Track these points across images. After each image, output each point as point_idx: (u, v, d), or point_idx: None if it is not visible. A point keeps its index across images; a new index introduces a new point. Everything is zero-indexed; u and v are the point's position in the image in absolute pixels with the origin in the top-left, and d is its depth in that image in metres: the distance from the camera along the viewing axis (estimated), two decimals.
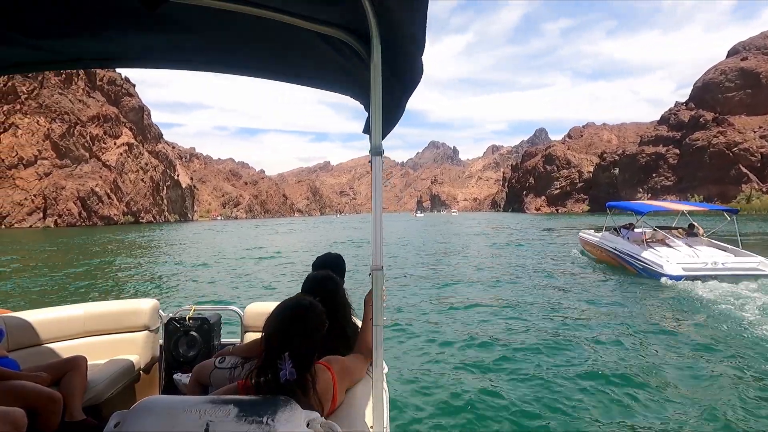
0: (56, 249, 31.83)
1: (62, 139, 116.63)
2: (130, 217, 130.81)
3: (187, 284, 14.80)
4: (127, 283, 15.29)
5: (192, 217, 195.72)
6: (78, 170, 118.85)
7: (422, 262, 19.63)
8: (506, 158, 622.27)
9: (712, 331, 7.75)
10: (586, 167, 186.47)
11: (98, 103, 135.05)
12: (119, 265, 21.08)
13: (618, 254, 14.50)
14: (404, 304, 10.50)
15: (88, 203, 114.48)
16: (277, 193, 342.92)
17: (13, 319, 2.93)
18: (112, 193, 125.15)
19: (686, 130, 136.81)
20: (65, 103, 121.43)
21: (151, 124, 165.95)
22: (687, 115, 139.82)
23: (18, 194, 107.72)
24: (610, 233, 16.13)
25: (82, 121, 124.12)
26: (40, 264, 21.54)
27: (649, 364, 6.18)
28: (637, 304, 10.05)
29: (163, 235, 49.99)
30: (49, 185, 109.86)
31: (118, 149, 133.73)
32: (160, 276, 16.95)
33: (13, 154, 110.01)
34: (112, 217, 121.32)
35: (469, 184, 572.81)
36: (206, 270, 18.36)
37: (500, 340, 7.37)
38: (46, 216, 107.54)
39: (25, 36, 1.66)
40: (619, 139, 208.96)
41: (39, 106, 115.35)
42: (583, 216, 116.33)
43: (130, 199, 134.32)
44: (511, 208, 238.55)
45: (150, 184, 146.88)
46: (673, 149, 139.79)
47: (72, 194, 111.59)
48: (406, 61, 1.54)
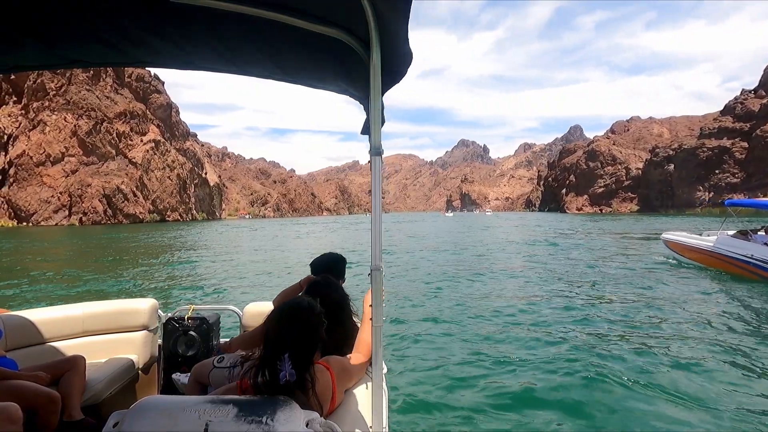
0: (67, 247, 30.68)
1: (89, 136, 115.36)
2: (156, 216, 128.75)
3: (185, 284, 14.42)
4: (128, 282, 14.89)
5: (219, 216, 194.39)
6: (104, 167, 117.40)
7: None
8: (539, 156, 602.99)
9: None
10: (634, 163, 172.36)
11: (126, 99, 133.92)
12: (125, 264, 20.41)
13: (757, 263, 12.71)
14: (425, 307, 9.90)
15: (113, 201, 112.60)
16: (306, 191, 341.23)
17: (12, 319, 2.90)
18: (138, 191, 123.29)
19: (756, 121, 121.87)
20: (92, 100, 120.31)
21: (179, 121, 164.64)
22: (757, 104, 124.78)
23: (45, 192, 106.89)
24: (732, 237, 14.05)
25: (108, 117, 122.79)
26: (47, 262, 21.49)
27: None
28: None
29: (181, 235, 46.55)
30: (75, 182, 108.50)
31: (144, 146, 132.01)
32: (161, 275, 16.41)
33: (41, 152, 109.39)
34: (138, 215, 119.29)
35: (501, 183, 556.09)
36: (206, 270, 17.87)
37: (505, 344, 6.96)
38: (71, 214, 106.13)
39: (28, 37, 1.68)
40: (670, 132, 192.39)
41: (66, 102, 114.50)
42: (631, 216, 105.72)
43: (156, 197, 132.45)
44: (548, 207, 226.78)
45: (177, 182, 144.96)
46: (739, 142, 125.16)
47: (97, 192, 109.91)
48: (402, 61, 1.59)
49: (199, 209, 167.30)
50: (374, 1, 1.30)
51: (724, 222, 15.82)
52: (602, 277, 13.88)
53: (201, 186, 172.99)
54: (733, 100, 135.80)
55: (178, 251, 26.99)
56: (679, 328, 7.75)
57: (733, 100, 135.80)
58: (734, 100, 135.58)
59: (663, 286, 12.01)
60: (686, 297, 10.45)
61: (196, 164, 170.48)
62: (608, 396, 4.97)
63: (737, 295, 10.78)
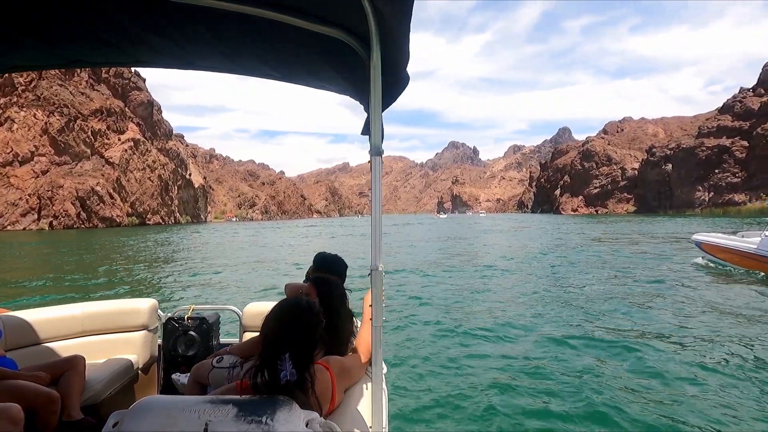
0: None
1: (61, 134, 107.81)
2: (135, 219, 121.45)
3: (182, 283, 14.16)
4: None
5: (205, 219, 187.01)
6: (78, 168, 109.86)
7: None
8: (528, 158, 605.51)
9: None
10: (630, 164, 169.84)
11: (102, 96, 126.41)
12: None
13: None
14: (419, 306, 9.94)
15: (87, 203, 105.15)
16: (295, 193, 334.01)
17: (12, 319, 2.91)
18: (115, 193, 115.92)
19: (756, 119, 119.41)
20: (65, 96, 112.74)
21: (161, 120, 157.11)
22: (756, 102, 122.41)
23: (12, 194, 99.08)
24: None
25: (83, 114, 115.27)
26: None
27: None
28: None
29: (165, 239, 40.67)
30: (45, 184, 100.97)
31: (122, 145, 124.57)
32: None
33: (8, 151, 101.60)
34: (115, 218, 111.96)
35: (491, 185, 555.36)
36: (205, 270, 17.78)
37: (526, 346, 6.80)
38: (40, 217, 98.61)
39: (28, 37, 1.68)
40: (665, 132, 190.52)
41: (37, 98, 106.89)
42: (632, 217, 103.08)
43: (135, 199, 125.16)
44: (541, 209, 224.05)
45: (158, 183, 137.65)
46: (739, 141, 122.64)
47: (70, 194, 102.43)
48: (403, 60, 1.57)
49: (182, 212, 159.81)
50: (375, 1, 1.30)
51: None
52: (635, 279, 13.34)
53: (185, 187, 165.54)
54: (732, 98, 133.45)
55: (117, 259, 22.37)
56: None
57: (732, 98, 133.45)
58: (732, 98, 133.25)
59: (717, 292, 11.01)
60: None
61: (180, 165, 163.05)
62: (608, 397, 4.90)
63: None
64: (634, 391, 5.01)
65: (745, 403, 4.72)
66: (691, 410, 4.56)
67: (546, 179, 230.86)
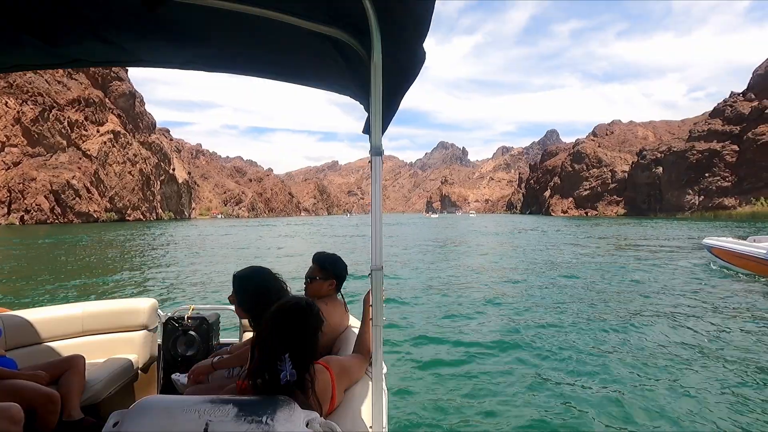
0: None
1: (35, 124, 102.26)
2: (114, 214, 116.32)
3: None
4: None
5: (189, 215, 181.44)
6: (53, 160, 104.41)
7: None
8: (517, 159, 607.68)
9: None
10: (620, 166, 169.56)
11: (81, 85, 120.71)
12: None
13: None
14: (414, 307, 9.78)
15: (62, 197, 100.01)
16: (283, 191, 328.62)
17: (11, 318, 2.91)
18: (92, 187, 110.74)
19: (747, 124, 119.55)
20: (40, 84, 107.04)
21: (144, 112, 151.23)
22: (747, 107, 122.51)
23: None
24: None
25: (59, 104, 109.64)
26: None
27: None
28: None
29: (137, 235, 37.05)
30: (16, 176, 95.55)
31: (101, 137, 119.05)
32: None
33: None
34: (92, 213, 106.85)
35: (480, 185, 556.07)
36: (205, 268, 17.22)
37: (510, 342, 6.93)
38: (10, 211, 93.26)
39: (28, 36, 1.68)
40: (655, 136, 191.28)
41: (9, 85, 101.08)
42: (620, 219, 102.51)
43: (114, 193, 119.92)
44: (530, 210, 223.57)
45: (139, 178, 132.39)
46: (730, 145, 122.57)
47: (44, 187, 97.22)
48: (408, 57, 1.52)
49: (165, 208, 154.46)
50: (375, 1, 1.29)
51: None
52: (646, 279, 13.49)
53: (168, 183, 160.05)
54: (722, 102, 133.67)
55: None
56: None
57: (722, 102, 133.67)
58: (723, 102, 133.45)
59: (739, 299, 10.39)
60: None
61: (163, 159, 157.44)
62: (611, 398, 4.90)
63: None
64: (641, 399, 4.86)
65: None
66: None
67: (535, 180, 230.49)
